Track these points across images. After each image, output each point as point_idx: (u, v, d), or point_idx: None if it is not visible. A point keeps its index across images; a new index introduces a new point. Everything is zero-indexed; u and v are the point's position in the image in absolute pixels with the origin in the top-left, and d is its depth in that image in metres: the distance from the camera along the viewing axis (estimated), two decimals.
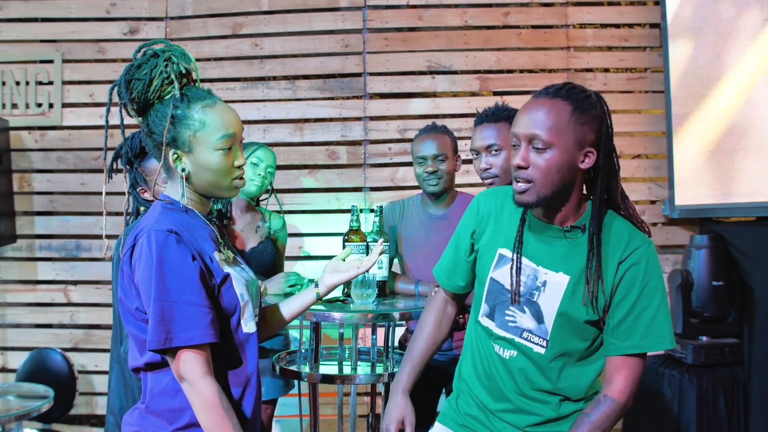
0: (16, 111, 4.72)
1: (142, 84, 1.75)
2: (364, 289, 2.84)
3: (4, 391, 3.67)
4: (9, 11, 4.77)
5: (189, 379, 1.65)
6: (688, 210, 4.28)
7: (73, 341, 4.64)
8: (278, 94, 4.67)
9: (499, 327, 1.99)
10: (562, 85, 1.87)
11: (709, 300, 3.89)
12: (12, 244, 4.61)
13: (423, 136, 3.17)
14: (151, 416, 1.75)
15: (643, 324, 1.87)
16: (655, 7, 4.57)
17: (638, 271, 1.87)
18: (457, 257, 2.14)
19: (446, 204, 3.21)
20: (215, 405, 1.65)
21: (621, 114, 4.58)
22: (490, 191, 2.13)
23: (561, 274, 1.91)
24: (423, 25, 4.68)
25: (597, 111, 1.85)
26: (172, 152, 1.77)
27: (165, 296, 1.64)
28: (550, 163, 1.80)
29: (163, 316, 1.63)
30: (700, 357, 3.80)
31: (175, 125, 1.75)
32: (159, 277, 1.64)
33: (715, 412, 3.73)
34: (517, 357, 1.97)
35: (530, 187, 1.83)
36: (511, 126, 1.90)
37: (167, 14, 4.74)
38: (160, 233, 1.68)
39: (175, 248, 1.68)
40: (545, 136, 1.79)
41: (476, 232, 2.08)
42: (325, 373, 2.86)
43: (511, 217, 2.01)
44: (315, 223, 4.62)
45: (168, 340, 1.63)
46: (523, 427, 1.99)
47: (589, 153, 1.84)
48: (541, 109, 1.82)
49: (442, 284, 2.19)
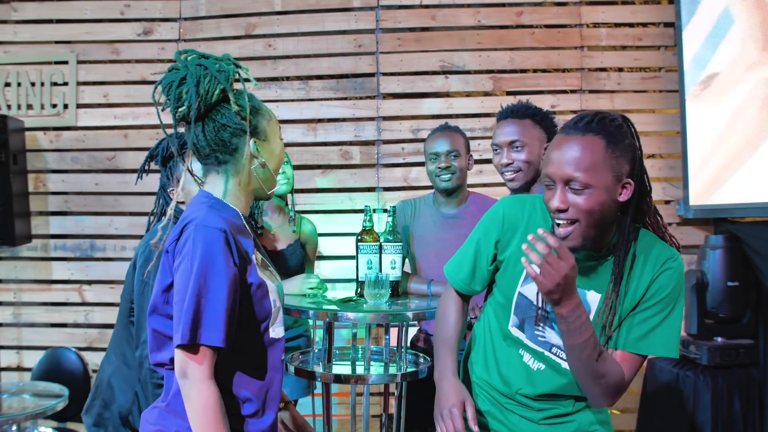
0: (32, 112, 4.76)
1: (224, 75, 1.81)
2: (377, 289, 2.84)
3: (19, 389, 3.69)
4: (24, 13, 4.81)
5: (195, 378, 1.66)
6: (703, 210, 4.26)
7: (88, 341, 4.66)
8: (291, 94, 4.68)
9: (529, 339, 1.99)
10: (591, 117, 1.80)
11: (724, 301, 3.86)
12: (27, 244, 4.65)
13: (436, 134, 3.20)
14: (171, 415, 1.76)
15: (646, 328, 1.87)
16: (669, 6, 4.55)
17: (664, 284, 1.87)
18: (477, 265, 2.07)
19: (458, 203, 3.21)
20: (214, 408, 1.66)
21: (635, 114, 4.57)
22: (515, 199, 2.07)
23: (592, 293, 1.91)
24: (436, 24, 4.67)
25: (629, 139, 1.81)
26: (253, 141, 1.84)
27: (203, 293, 1.65)
28: (591, 203, 1.74)
29: (196, 312, 1.64)
30: (715, 358, 3.78)
31: (254, 115, 1.85)
32: (201, 273, 1.65)
33: (730, 414, 3.71)
34: (545, 370, 1.97)
35: (575, 228, 1.78)
36: (543, 164, 1.84)
37: (181, 15, 4.76)
38: (211, 230, 1.70)
39: (222, 248, 1.69)
40: (583, 177, 1.73)
41: (500, 242, 2.02)
42: (338, 373, 2.86)
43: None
44: (328, 223, 4.62)
45: (195, 336, 1.64)
46: (538, 420, 2.00)
47: (627, 185, 1.79)
48: (573, 147, 1.75)
49: (457, 287, 2.13)
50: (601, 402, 1.90)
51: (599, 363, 1.81)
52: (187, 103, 1.78)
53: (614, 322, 1.87)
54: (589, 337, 1.78)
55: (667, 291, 1.86)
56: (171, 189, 2.66)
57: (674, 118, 4.52)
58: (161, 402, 1.81)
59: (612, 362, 1.86)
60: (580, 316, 1.76)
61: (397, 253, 3.02)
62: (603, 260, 1.90)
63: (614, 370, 1.85)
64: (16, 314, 4.73)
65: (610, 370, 1.84)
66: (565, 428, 2.01)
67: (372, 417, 4.23)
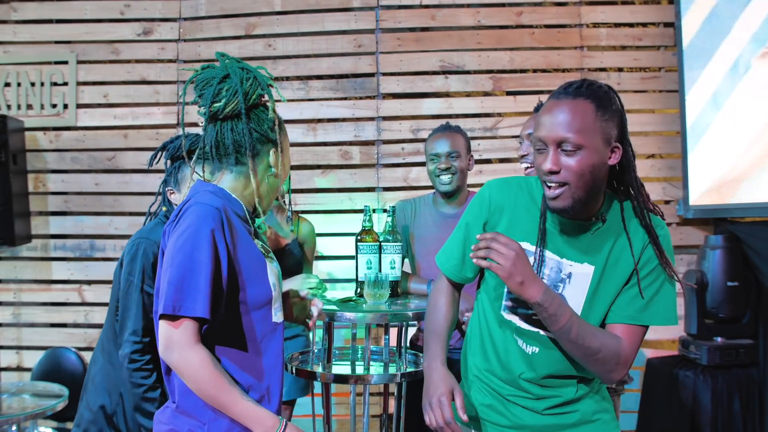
0: (31, 112, 4.76)
1: (257, 84, 1.94)
2: (376, 289, 2.84)
3: (19, 389, 3.69)
4: (24, 13, 4.81)
5: (180, 346, 1.66)
6: (703, 210, 4.26)
7: (87, 341, 4.66)
8: (291, 94, 4.68)
9: (523, 321, 1.99)
10: (580, 82, 1.84)
11: (724, 301, 3.87)
12: (27, 244, 4.65)
13: (437, 135, 3.20)
14: (182, 415, 1.78)
15: (646, 298, 1.90)
16: (669, 6, 4.55)
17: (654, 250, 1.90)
18: (467, 250, 2.04)
19: (459, 203, 3.22)
20: (208, 367, 1.66)
21: (635, 114, 4.57)
22: (501, 181, 2.08)
23: (586, 265, 1.92)
24: (436, 25, 4.67)
25: (616, 105, 1.84)
26: (274, 150, 1.92)
27: (188, 265, 1.66)
28: (582, 165, 1.77)
29: (180, 283, 1.66)
30: (714, 358, 3.78)
31: (280, 127, 1.96)
32: (188, 246, 1.68)
33: (730, 414, 3.71)
34: (540, 352, 1.98)
35: (564, 190, 1.80)
36: (534, 129, 1.87)
37: (181, 15, 4.76)
38: (205, 206, 1.74)
39: (212, 223, 1.71)
40: (574, 138, 1.76)
41: (488, 224, 2.03)
42: (338, 373, 2.87)
43: (528, 210, 1.98)
44: (328, 223, 4.62)
45: (178, 307, 1.65)
46: (541, 410, 2.00)
47: (615, 148, 1.83)
48: (564, 110, 1.79)
49: (449, 275, 2.13)
50: (608, 377, 1.91)
51: (589, 339, 1.84)
52: (224, 99, 1.84)
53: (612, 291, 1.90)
54: (569, 318, 1.82)
55: (658, 258, 1.90)
56: (170, 189, 2.66)
57: (674, 118, 4.52)
58: (171, 402, 1.82)
59: (604, 335, 1.88)
60: (553, 299, 1.81)
61: (396, 253, 3.02)
62: (592, 231, 1.92)
63: (608, 342, 1.87)
64: (16, 314, 4.73)
65: (604, 344, 1.86)
66: (569, 418, 2.01)
67: (372, 417, 4.23)
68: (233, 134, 1.86)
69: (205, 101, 1.84)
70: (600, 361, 1.86)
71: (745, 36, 3.93)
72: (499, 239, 1.79)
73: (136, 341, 2.46)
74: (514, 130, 4.59)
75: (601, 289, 1.91)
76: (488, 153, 4.60)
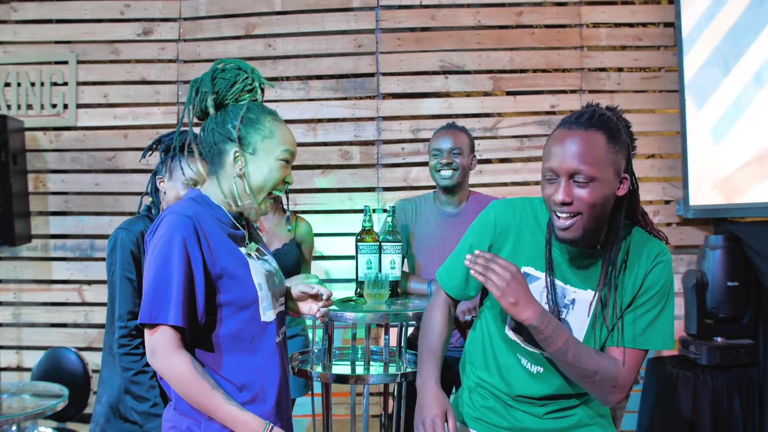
0: (31, 112, 4.76)
1: (226, 83, 1.89)
2: (376, 289, 2.84)
3: (19, 389, 3.69)
4: (24, 13, 4.81)
5: (162, 353, 1.72)
6: (703, 210, 4.26)
7: (88, 340, 4.66)
8: (291, 94, 4.68)
9: (527, 342, 2.00)
10: (591, 112, 1.84)
11: (724, 301, 3.86)
12: (27, 244, 4.65)
13: (441, 132, 3.23)
14: (179, 414, 1.82)
15: (644, 323, 1.91)
16: (669, 6, 4.55)
17: (656, 278, 1.91)
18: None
19: (459, 201, 3.23)
20: (189, 372, 1.71)
21: (635, 114, 4.56)
22: (505, 202, 2.09)
23: (588, 291, 1.94)
24: (436, 24, 4.67)
25: (624, 135, 1.85)
26: (234, 150, 1.86)
27: (161, 274, 1.71)
28: (594, 196, 1.78)
29: (154, 292, 1.71)
30: (714, 358, 3.78)
31: (246, 126, 1.87)
32: (160, 255, 1.73)
33: (730, 414, 3.71)
34: (545, 373, 1.99)
35: (576, 221, 1.81)
36: (544, 158, 1.86)
37: (181, 15, 4.76)
38: (177, 216, 1.76)
39: (184, 231, 1.74)
40: (588, 170, 1.77)
41: (493, 247, 2.04)
42: (338, 373, 2.87)
43: (533, 235, 1.99)
44: (328, 223, 4.62)
45: (153, 316, 1.70)
46: (542, 415, 2.02)
47: (624, 179, 1.85)
48: (577, 141, 1.79)
49: (451, 294, 2.14)
50: (605, 399, 1.93)
51: (586, 362, 1.85)
52: (195, 101, 1.91)
53: (612, 317, 1.91)
54: (566, 340, 1.84)
55: (659, 285, 1.91)
56: (160, 177, 2.70)
57: (674, 118, 4.52)
58: (171, 402, 1.86)
59: (602, 358, 1.89)
60: (549, 322, 1.83)
61: (396, 253, 3.02)
62: (597, 258, 1.93)
63: (606, 365, 1.88)
64: (16, 314, 4.73)
65: (601, 366, 1.87)
66: (568, 421, 2.04)
67: (372, 417, 4.23)
68: (204, 135, 1.90)
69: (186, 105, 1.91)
70: (597, 383, 1.88)
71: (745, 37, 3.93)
72: (497, 260, 1.81)
73: (122, 326, 2.53)
74: (514, 130, 4.59)
75: (602, 315, 1.93)
76: (488, 153, 4.60)
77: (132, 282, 2.54)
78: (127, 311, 2.53)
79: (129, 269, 2.54)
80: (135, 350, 2.52)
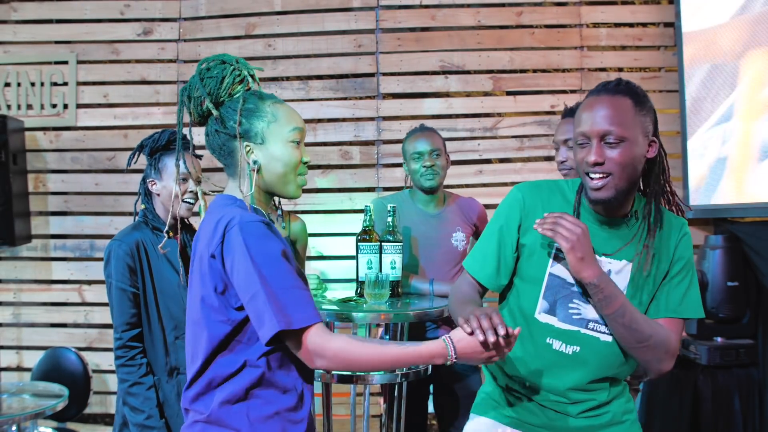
0: (31, 112, 4.76)
1: (215, 81, 1.82)
2: (376, 289, 2.84)
3: (19, 389, 3.69)
4: (24, 13, 4.81)
5: (320, 349, 1.65)
6: (703, 210, 4.25)
7: (88, 341, 4.66)
8: (291, 94, 4.68)
9: (562, 321, 2.00)
10: (617, 81, 1.94)
11: (724, 301, 3.86)
12: (27, 244, 4.65)
13: (416, 135, 3.29)
14: (214, 426, 1.72)
15: (680, 293, 1.98)
16: (669, 6, 4.55)
17: (684, 248, 2.01)
18: (503, 254, 2.07)
19: (439, 202, 3.32)
20: (355, 346, 1.66)
21: None
22: (531, 184, 2.11)
23: (624, 262, 1.98)
24: (436, 25, 4.67)
25: (650, 102, 1.93)
26: (245, 144, 1.80)
27: (270, 283, 1.64)
28: (625, 156, 1.86)
29: (278, 304, 1.63)
30: (715, 358, 3.78)
31: (247, 117, 1.80)
32: (263, 265, 1.65)
33: (730, 414, 3.71)
34: (581, 351, 1.99)
35: (608, 181, 1.87)
36: (576, 125, 1.93)
37: (181, 15, 4.76)
38: (252, 224, 1.69)
39: (269, 237, 1.69)
40: (617, 131, 1.84)
41: (522, 227, 2.05)
42: (339, 373, 2.86)
43: (563, 211, 1.99)
44: (328, 223, 4.62)
45: (289, 323, 1.62)
46: (576, 414, 2.03)
47: (652, 143, 1.93)
48: (606, 105, 1.87)
49: (484, 283, 2.09)
50: (657, 366, 1.96)
51: (641, 325, 1.91)
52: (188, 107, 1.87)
53: (653, 286, 1.98)
54: (623, 301, 1.90)
55: (687, 255, 2.01)
56: (151, 180, 2.69)
57: (674, 118, 4.52)
58: (200, 415, 1.75)
59: (654, 323, 1.95)
60: (609, 282, 1.90)
61: (396, 253, 3.02)
62: (627, 228, 1.99)
63: (659, 330, 1.94)
64: (16, 314, 4.73)
65: (656, 331, 1.93)
66: (601, 420, 2.05)
67: (372, 417, 4.22)
68: (209, 140, 1.85)
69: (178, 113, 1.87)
70: (650, 348, 1.93)
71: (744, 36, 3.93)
72: (566, 217, 1.89)
73: (118, 338, 2.54)
74: (514, 130, 4.59)
75: (640, 284, 1.98)
76: (488, 153, 4.60)
77: (126, 293, 2.54)
78: (123, 322, 2.54)
79: (124, 280, 2.54)
80: (131, 362, 2.53)
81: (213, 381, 1.73)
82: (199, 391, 1.75)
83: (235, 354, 1.73)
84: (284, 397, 1.75)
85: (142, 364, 2.55)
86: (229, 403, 1.72)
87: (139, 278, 2.58)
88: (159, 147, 2.70)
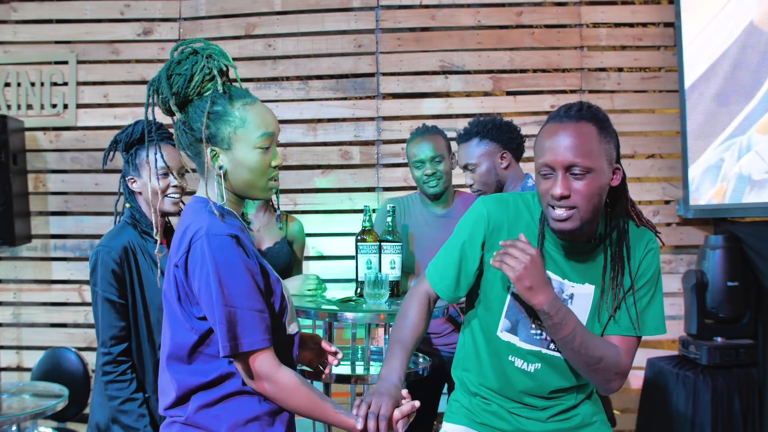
0: (31, 112, 4.76)
1: (183, 79, 1.72)
2: (376, 289, 2.84)
3: (19, 389, 3.69)
4: (24, 13, 4.81)
5: (265, 375, 1.66)
6: (703, 210, 4.25)
7: (87, 341, 4.66)
8: (291, 94, 4.68)
9: (523, 341, 1.99)
10: (579, 105, 1.84)
11: (724, 301, 3.86)
12: (27, 244, 4.64)
13: (417, 139, 3.23)
14: (191, 428, 1.73)
15: (639, 310, 1.93)
16: (669, 6, 4.55)
17: (649, 264, 1.95)
18: (464, 269, 2.03)
19: (447, 203, 3.30)
20: (298, 387, 1.67)
21: (635, 114, 4.57)
22: (496, 198, 2.05)
23: (587, 285, 1.94)
24: (436, 25, 4.67)
25: (612, 127, 1.86)
26: (210, 149, 1.73)
27: (230, 302, 1.63)
28: (591, 188, 1.78)
29: (230, 323, 1.62)
30: (714, 358, 3.78)
31: (214, 121, 1.72)
32: (223, 283, 1.63)
33: (730, 414, 3.71)
34: (542, 369, 1.99)
35: (573, 213, 1.80)
36: (537, 155, 1.85)
37: (181, 15, 4.76)
38: (219, 238, 1.66)
39: (235, 253, 1.66)
40: (584, 162, 1.76)
41: (486, 243, 2.00)
42: (338, 373, 2.86)
43: (529, 229, 1.97)
44: (328, 223, 4.62)
45: (236, 346, 1.62)
46: (546, 419, 2.03)
47: (616, 170, 1.86)
48: (570, 134, 1.79)
49: (441, 295, 2.06)
50: (607, 387, 1.93)
51: (592, 349, 1.86)
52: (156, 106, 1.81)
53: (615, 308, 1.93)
54: (575, 327, 1.85)
55: (651, 271, 1.94)
56: (130, 177, 2.55)
57: (674, 118, 4.52)
58: (178, 416, 1.75)
59: (605, 345, 1.90)
60: (560, 308, 1.83)
61: (396, 253, 3.02)
62: (592, 252, 1.94)
63: (609, 352, 1.89)
64: (16, 314, 4.72)
65: (606, 353, 1.88)
66: (571, 422, 2.04)
67: None
68: (183, 134, 1.78)
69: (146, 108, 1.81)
70: (601, 371, 1.88)
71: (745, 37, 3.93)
72: (517, 244, 1.81)
73: (106, 352, 2.40)
74: None
75: (603, 307, 1.94)
76: None
77: (114, 304, 2.41)
78: (110, 336, 2.40)
79: (110, 290, 2.40)
80: (121, 377, 2.39)
81: (189, 388, 1.73)
82: (175, 399, 1.75)
83: (208, 363, 1.72)
84: (263, 404, 1.75)
85: (132, 380, 2.41)
86: (206, 407, 1.72)
87: (128, 287, 2.44)
88: (134, 141, 2.53)
